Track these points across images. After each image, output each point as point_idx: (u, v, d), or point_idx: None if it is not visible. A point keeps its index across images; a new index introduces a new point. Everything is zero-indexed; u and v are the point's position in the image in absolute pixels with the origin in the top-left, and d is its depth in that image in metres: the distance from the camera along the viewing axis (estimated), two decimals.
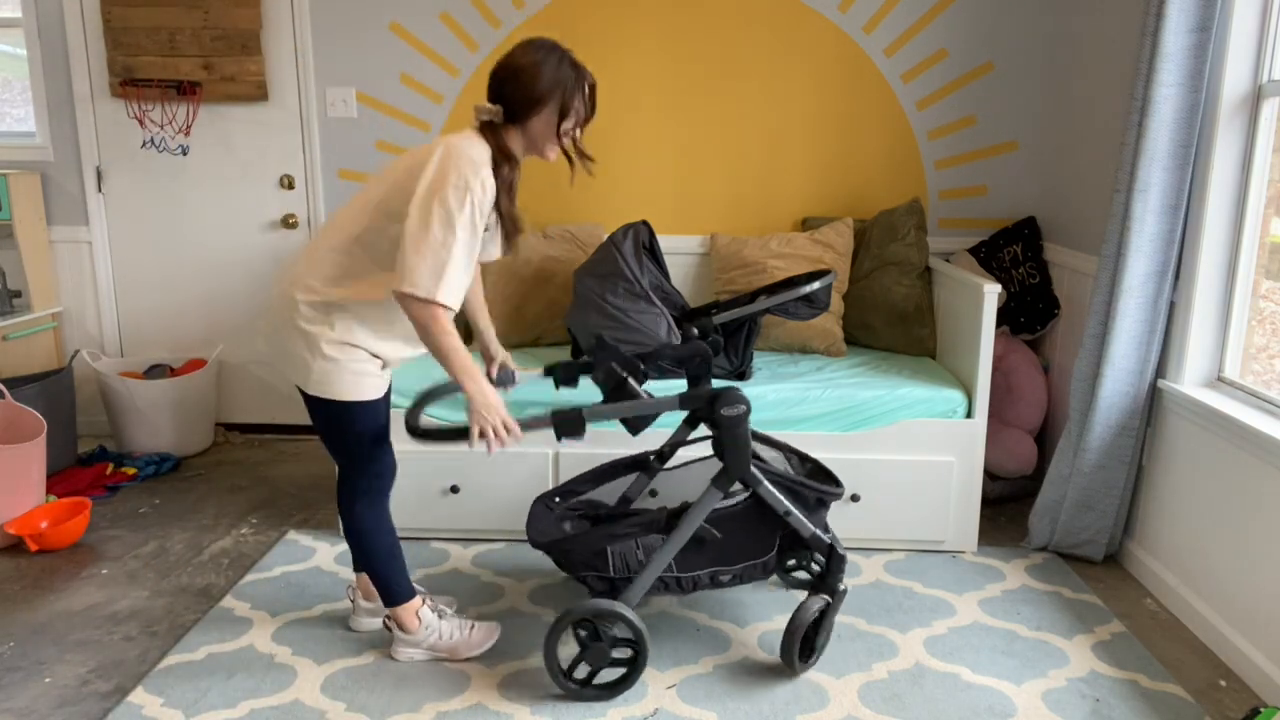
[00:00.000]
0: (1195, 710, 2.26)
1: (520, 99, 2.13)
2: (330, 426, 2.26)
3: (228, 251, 4.04)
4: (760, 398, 2.99)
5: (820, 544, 2.31)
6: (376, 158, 3.90)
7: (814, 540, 2.30)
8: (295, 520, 3.30)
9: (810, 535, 2.29)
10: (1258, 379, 2.66)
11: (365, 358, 2.20)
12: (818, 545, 2.31)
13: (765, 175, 3.81)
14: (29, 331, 3.84)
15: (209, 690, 2.30)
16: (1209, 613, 2.56)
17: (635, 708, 2.24)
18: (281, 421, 4.20)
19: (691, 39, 3.72)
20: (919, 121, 3.73)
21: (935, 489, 3.00)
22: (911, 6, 3.64)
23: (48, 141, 3.94)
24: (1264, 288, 2.66)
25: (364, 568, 2.38)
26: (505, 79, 2.15)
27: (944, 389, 3.01)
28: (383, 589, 2.37)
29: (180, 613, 2.67)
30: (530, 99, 2.13)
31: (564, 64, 2.15)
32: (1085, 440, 2.88)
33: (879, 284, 3.43)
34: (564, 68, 2.14)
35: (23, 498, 3.11)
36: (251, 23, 3.75)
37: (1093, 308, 2.86)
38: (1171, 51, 2.58)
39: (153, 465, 3.72)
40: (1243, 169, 2.60)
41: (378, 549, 2.33)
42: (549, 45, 2.16)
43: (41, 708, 2.23)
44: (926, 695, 2.30)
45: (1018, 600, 2.76)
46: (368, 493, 2.31)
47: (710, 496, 2.24)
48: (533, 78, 2.12)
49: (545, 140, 2.18)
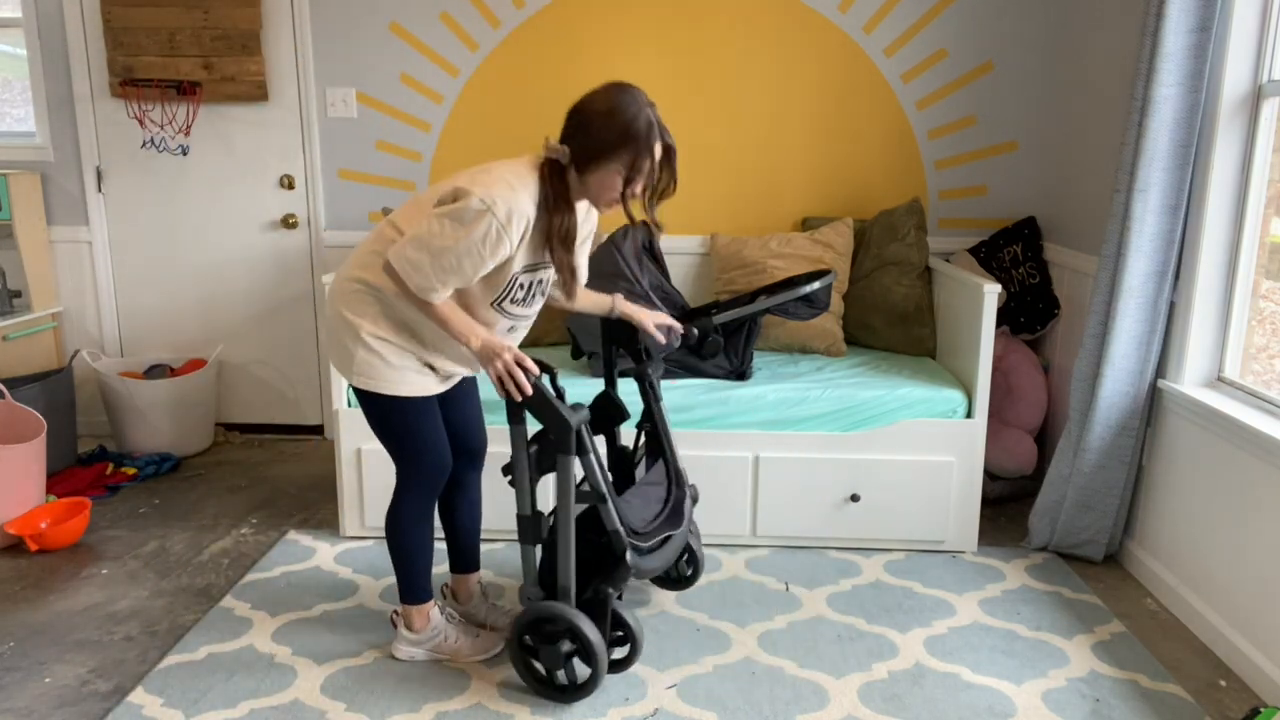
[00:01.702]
0: (1195, 710, 2.26)
1: (587, 146, 2.01)
2: (371, 419, 2.27)
3: (228, 251, 4.04)
4: (760, 398, 2.99)
5: (618, 541, 2.22)
6: (376, 158, 3.90)
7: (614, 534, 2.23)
8: (295, 520, 3.30)
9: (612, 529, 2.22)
10: (1258, 379, 2.66)
11: (402, 353, 2.18)
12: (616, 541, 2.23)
13: (765, 175, 3.81)
14: (29, 331, 3.84)
15: (209, 690, 2.30)
16: (1209, 613, 2.56)
17: (635, 708, 2.24)
18: (281, 421, 4.20)
19: (691, 39, 3.71)
20: (919, 121, 3.73)
21: (935, 489, 3.00)
22: (911, 6, 3.64)
23: (48, 141, 3.94)
24: (1264, 288, 2.66)
25: (391, 557, 2.37)
26: (578, 122, 2.03)
27: (944, 389, 3.01)
28: (401, 584, 2.37)
29: (180, 613, 2.67)
30: (596, 149, 2.00)
31: (639, 119, 1.98)
32: (1085, 440, 2.88)
33: (879, 284, 3.43)
34: (639, 123, 1.98)
35: (23, 498, 3.11)
36: (251, 23, 3.75)
37: (1093, 308, 2.86)
38: (1171, 51, 2.58)
39: (153, 465, 3.72)
40: (1243, 169, 2.60)
41: (406, 544, 2.33)
42: (631, 95, 2.01)
43: (41, 708, 2.23)
44: (926, 695, 2.30)
45: (1018, 600, 2.76)
46: (409, 489, 2.31)
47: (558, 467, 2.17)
48: (603, 127, 1.99)
49: (603, 195, 2.06)
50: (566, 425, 2.11)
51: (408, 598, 2.38)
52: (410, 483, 2.30)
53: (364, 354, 2.16)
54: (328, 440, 4.15)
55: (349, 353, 2.17)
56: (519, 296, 2.17)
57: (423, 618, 2.39)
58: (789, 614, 2.67)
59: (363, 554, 3.02)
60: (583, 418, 2.14)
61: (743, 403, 2.99)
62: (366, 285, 2.15)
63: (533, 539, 2.21)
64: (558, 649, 2.19)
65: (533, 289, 2.20)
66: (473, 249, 1.99)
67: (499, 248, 2.01)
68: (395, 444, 2.27)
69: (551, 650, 2.20)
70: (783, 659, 2.45)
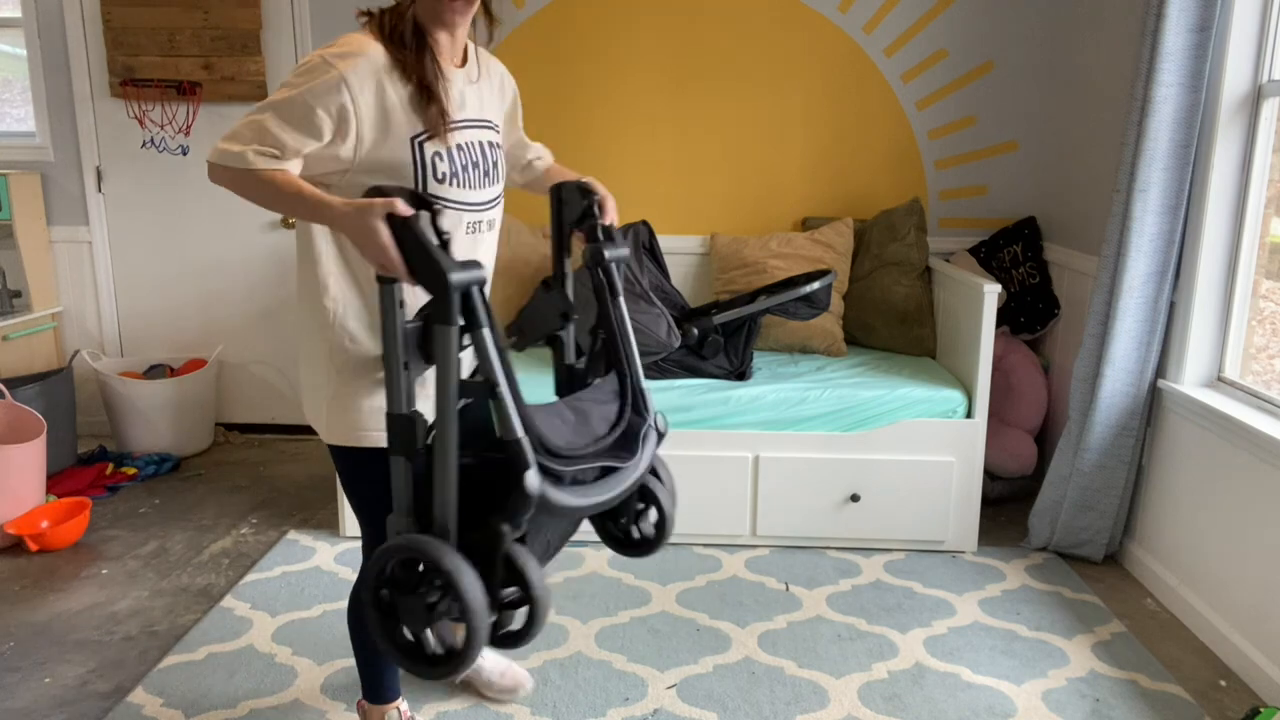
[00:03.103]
0: (1195, 710, 2.26)
1: None
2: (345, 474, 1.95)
3: (227, 251, 4.04)
4: (760, 398, 2.99)
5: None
6: None
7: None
8: (295, 520, 3.30)
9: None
10: (1258, 379, 2.66)
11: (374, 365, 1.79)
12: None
13: (765, 175, 3.81)
14: (29, 331, 3.84)
15: (209, 690, 2.30)
16: (1209, 613, 2.56)
17: (635, 708, 2.24)
18: (281, 421, 4.20)
19: (691, 39, 3.72)
20: (919, 121, 3.73)
21: (935, 489, 3.00)
22: (911, 6, 3.64)
23: (48, 141, 3.94)
24: (1264, 288, 2.66)
25: (353, 645, 2.00)
26: None
27: (944, 389, 3.01)
28: (365, 679, 2.04)
29: (180, 613, 2.67)
30: None
31: None
32: (1085, 440, 2.88)
33: (879, 284, 3.43)
34: None
35: (23, 498, 3.11)
36: (251, 23, 3.75)
37: (1093, 308, 2.86)
38: (1171, 51, 2.58)
39: (153, 465, 3.72)
40: (1243, 169, 2.60)
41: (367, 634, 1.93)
42: None
43: (41, 708, 2.23)
44: (926, 695, 2.30)
45: (1018, 600, 2.76)
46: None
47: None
48: None
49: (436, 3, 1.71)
50: (444, 281, 1.50)
51: (369, 694, 2.04)
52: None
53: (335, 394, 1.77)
54: None
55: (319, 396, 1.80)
56: (441, 171, 1.73)
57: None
58: (789, 614, 2.67)
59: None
60: (473, 277, 1.54)
61: (743, 403, 2.99)
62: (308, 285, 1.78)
63: (404, 447, 1.59)
64: (419, 601, 1.55)
65: (455, 159, 1.75)
66: (301, 97, 1.61)
67: (334, 92, 1.62)
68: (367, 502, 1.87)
69: (412, 602, 1.56)
70: (783, 659, 2.45)
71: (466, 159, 1.78)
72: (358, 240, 1.53)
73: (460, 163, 1.76)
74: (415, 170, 1.71)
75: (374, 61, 1.68)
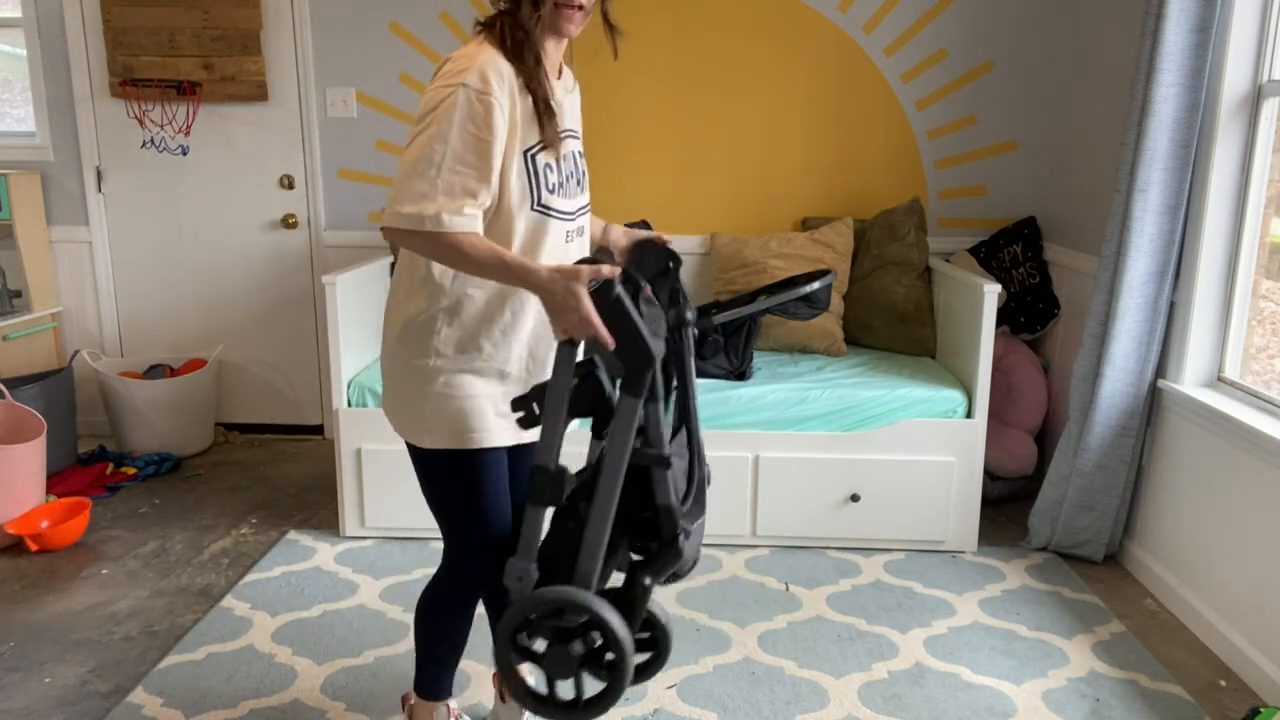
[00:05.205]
0: (1195, 710, 2.26)
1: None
2: (428, 480, 1.91)
3: (227, 251, 4.04)
4: (760, 398, 2.99)
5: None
6: (376, 158, 3.90)
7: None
8: (295, 520, 3.30)
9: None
10: (1258, 379, 2.66)
11: (483, 381, 1.82)
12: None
13: (765, 175, 3.81)
14: (29, 331, 3.84)
15: (209, 690, 2.30)
16: (1209, 613, 2.56)
17: (635, 708, 2.24)
18: (281, 421, 4.20)
19: (691, 39, 3.71)
20: (919, 121, 3.73)
21: (935, 489, 3.00)
22: (911, 6, 3.64)
23: (48, 141, 3.94)
24: (1264, 288, 2.66)
25: (415, 639, 2.02)
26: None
27: (944, 389, 3.01)
28: (423, 674, 2.03)
29: (180, 613, 2.67)
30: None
31: None
32: (1085, 440, 2.88)
33: (879, 284, 3.43)
34: None
35: (23, 498, 3.11)
36: (251, 23, 3.75)
37: (1093, 308, 2.86)
38: (1171, 51, 2.58)
39: (153, 465, 3.72)
40: (1243, 169, 2.60)
41: (436, 631, 1.99)
42: None
43: (41, 708, 2.23)
44: (926, 695, 2.30)
45: (1018, 600, 2.76)
46: (458, 567, 1.95)
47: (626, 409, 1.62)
48: None
49: (559, 11, 1.70)
50: (649, 358, 1.57)
51: (420, 688, 2.04)
52: (462, 560, 1.89)
53: (436, 400, 1.77)
54: (328, 440, 4.15)
55: (418, 405, 1.79)
56: (552, 182, 1.76)
57: (428, 717, 2.05)
58: (789, 614, 2.67)
59: (363, 554, 3.02)
60: (662, 349, 1.65)
61: (743, 403, 2.99)
62: (414, 315, 1.80)
63: (551, 499, 1.65)
64: (569, 651, 1.64)
65: (561, 169, 1.79)
66: (464, 133, 1.61)
67: (491, 115, 1.63)
68: (454, 509, 1.85)
69: (561, 653, 1.64)
70: (783, 659, 2.45)
71: (568, 170, 1.82)
72: (557, 305, 1.58)
73: (564, 173, 1.80)
74: (530, 181, 1.74)
75: (504, 77, 1.67)
